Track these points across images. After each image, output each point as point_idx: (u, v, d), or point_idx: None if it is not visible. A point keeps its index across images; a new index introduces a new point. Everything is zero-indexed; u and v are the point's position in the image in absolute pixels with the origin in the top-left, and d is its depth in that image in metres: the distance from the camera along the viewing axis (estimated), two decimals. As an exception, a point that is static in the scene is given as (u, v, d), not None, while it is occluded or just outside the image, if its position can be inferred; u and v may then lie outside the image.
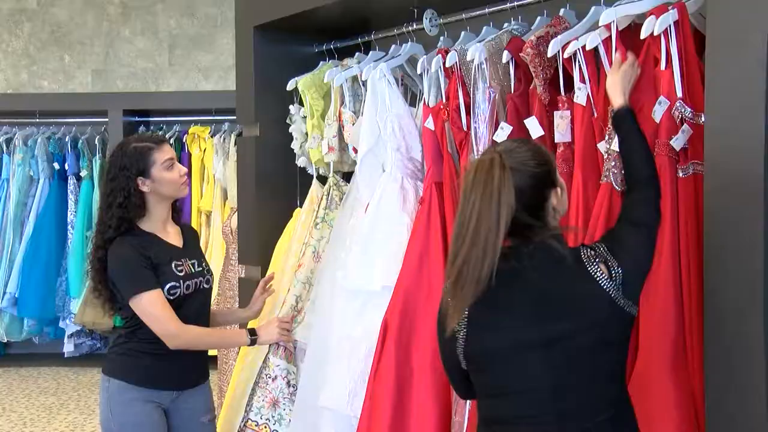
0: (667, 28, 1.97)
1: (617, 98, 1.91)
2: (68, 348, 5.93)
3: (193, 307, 2.51)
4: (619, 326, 1.63)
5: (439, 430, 2.39)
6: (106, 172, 2.51)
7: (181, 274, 2.47)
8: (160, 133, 5.95)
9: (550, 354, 1.58)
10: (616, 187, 2.05)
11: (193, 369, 2.56)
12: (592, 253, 1.63)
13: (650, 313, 1.92)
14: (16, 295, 5.81)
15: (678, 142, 1.93)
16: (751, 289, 1.75)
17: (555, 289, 1.60)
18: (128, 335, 2.49)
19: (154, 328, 2.40)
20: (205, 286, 2.58)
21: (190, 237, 2.66)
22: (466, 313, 1.62)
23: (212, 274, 2.66)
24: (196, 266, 2.55)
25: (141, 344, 2.45)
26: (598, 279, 1.59)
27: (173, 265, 2.47)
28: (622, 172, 2.01)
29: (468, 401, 2.26)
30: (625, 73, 1.97)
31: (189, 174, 6.07)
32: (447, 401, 2.39)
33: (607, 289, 1.59)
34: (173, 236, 2.57)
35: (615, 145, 2.01)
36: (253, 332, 2.64)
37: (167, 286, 2.42)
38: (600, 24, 2.14)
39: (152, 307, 2.39)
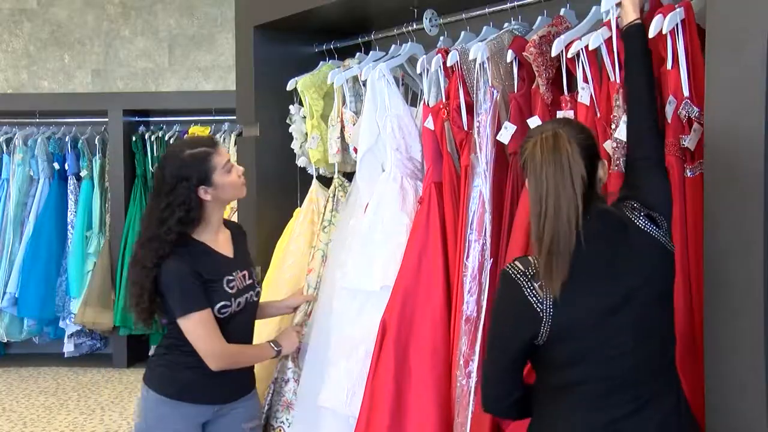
0: (673, 27, 1.97)
1: (631, 12, 1.94)
2: (68, 348, 5.94)
3: (242, 323, 2.44)
4: (670, 270, 1.75)
5: (439, 430, 2.38)
6: (160, 184, 2.33)
7: (233, 291, 2.38)
8: (160, 133, 5.97)
9: (626, 314, 1.65)
10: None
11: (237, 382, 2.48)
12: (634, 209, 1.73)
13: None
14: (16, 295, 5.81)
15: (691, 142, 1.93)
16: (751, 288, 1.75)
17: (620, 251, 1.68)
18: (169, 347, 2.41)
19: (199, 349, 2.32)
20: (254, 299, 2.50)
21: (240, 241, 2.55)
22: (548, 288, 1.64)
23: (261, 284, 2.56)
24: (247, 278, 2.46)
25: (182, 357, 2.36)
26: (648, 231, 1.71)
27: (225, 281, 2.36)
28: None
29: (471, 402, 2.26)
30: None
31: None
32: (447, 401, 2.39)
33: (658, 237, 1.71)
34: (224, 244, 2.46)
35: (620, 134, 2.03)
36: (276, 344, 2.57)
37: (218, 306, 2.33)
38: (603, 9, 2.12)
39: (200, 327, 2.30)
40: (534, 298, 1.66)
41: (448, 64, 2.52)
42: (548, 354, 1.70)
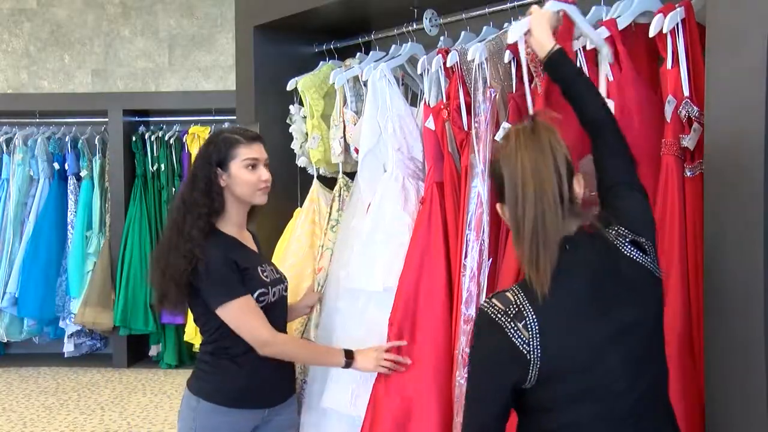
0: (674, 27, 1.97)
1: (546, 40, 1.88)
2: (68, 348, 5.95)
3: (278, 316, 2.37)
4: (661, 300, 1.64)
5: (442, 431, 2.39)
6: (193, 162, 2.34)
7: (268, 280, 2.33)
8: (160, 133, 5.98)
9: (622, 349, 1.53)
10: None
11: (285, 383, 2.43)
12: (619, 235, 1.60)
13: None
14: (16, 295, 5.83)
15: (691, 141, 1.93)
16: (751, 289, 1.75)
17: (610, 279, 1.56)
18: (217, 350, 2.31)
19: (246, 336, 2.23)
20: (284, 293, 2.45)
21: (259, 243, 2.53)
22: (537, 327, 1.50)
23: (287, 280, 2.50)
24: (275, 272, 2.42)
25: (233, 361, 2.28)
26: (636, 258, 1.58)
27: (259, 270, 2.32)
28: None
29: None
30: (548, 17, 1.95)
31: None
32: (449, 401, 2.39)
33: (647, 265, 1.59)
34: (249, 242, 2.43)
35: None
36: (349, 354, 2.39)
37: (257, 293, 2.27)
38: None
39: (244, 313, 2.22)
40: (519, 339, 1.50)
41: (448, 65, 2.52)
42: (537, 396, 1.54)
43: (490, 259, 2.33)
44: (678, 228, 1.93)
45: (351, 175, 3.03)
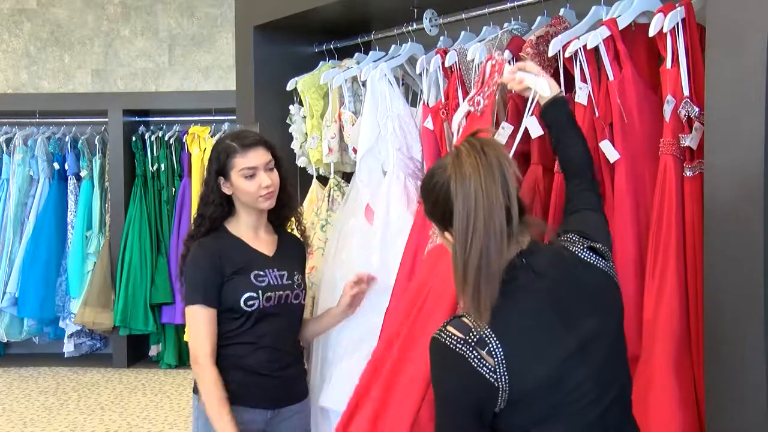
0: (674, 26, 1.97)
1: (555, 84, 1.97)
2: (68, 348, 5.95)
3: (275, 323, 2.31)
4: (620, 303, 1.61)
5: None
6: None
7: (262, 284, 2.28)
8: (160, 133, 5.98)
9: (588, 356, 1.48)
10: None
11: (289, 384, 2.36)
12: (575, 242, 1.59)
13: (656, 314, 1.92)
14: (16, 295, 5.83)
15: (693, 141, 1.93)
16: (751, 289, 1.75)
17: (570, 287, 1.52)
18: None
19: (189, 342, 2.26)
20: (294, 301, 2.36)
21: (288, 248, 2.45)
22: (502, 352, 1.41)
23: (305, 288, 2.44)
24: (285, 278, 2.34)
25: (228, 359, 2.27)
26: (595, 263, 1.57)
27: (252, 275, 2.28)
28: None
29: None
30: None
31: (189, 174, 6.08)
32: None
33: (604, 269, 1.58)
34: (265, 244, 2.39)
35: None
36: None
37: (244, 297, 2.25)
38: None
39: (194, 321, 2.23)
40: (485, 368, 1.40)
41: (447, 65, 2.52)
42: (506, 420, 1.46)
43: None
44: (675, 227, 1.93)
45: (348, 175, 3.03)
